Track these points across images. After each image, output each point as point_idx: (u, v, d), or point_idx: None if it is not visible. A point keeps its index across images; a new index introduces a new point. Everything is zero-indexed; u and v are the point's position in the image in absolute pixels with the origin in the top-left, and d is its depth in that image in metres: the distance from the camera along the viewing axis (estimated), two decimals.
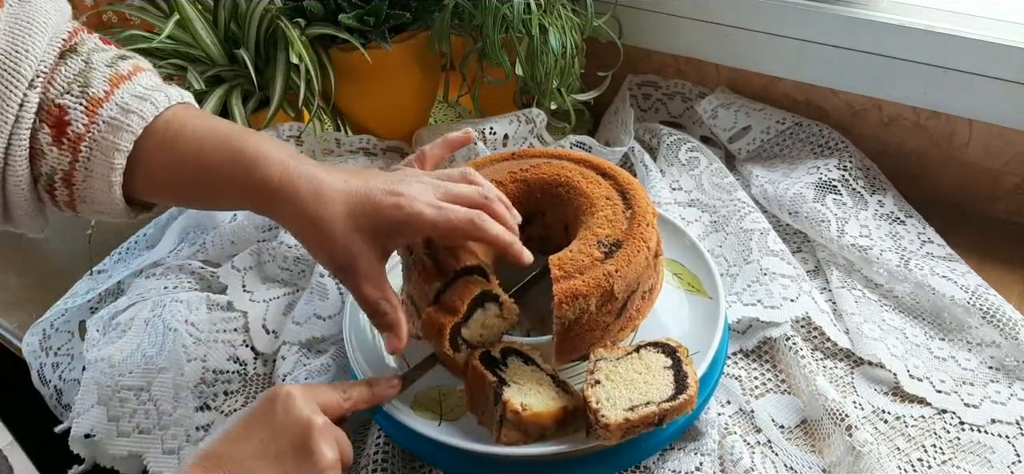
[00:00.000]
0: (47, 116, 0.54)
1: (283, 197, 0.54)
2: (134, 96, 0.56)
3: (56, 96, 0.54)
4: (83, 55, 0.56)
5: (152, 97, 0.56)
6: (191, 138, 0.56)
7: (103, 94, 0.55)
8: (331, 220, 0.54)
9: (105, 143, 0.55)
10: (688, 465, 0.61)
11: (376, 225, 0.55)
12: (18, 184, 0.55)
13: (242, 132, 0.57)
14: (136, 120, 0.55)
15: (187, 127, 0.56)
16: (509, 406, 0.54)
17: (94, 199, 0.57)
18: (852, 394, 0.67)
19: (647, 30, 0.98)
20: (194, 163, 0.56)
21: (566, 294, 0.57)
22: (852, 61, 0.85)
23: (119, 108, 0.55)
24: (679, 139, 0.93)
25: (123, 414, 0.68)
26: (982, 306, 0.70)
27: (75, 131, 0.54)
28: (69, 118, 0.54)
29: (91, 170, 0.55)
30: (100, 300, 0.81)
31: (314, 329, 0.73)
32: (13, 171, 0.54)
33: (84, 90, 0.55)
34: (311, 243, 0.56)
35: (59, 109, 0.54)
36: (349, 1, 0.87)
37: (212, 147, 0.56)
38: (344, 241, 0.54)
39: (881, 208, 0.83)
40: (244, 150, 0.55)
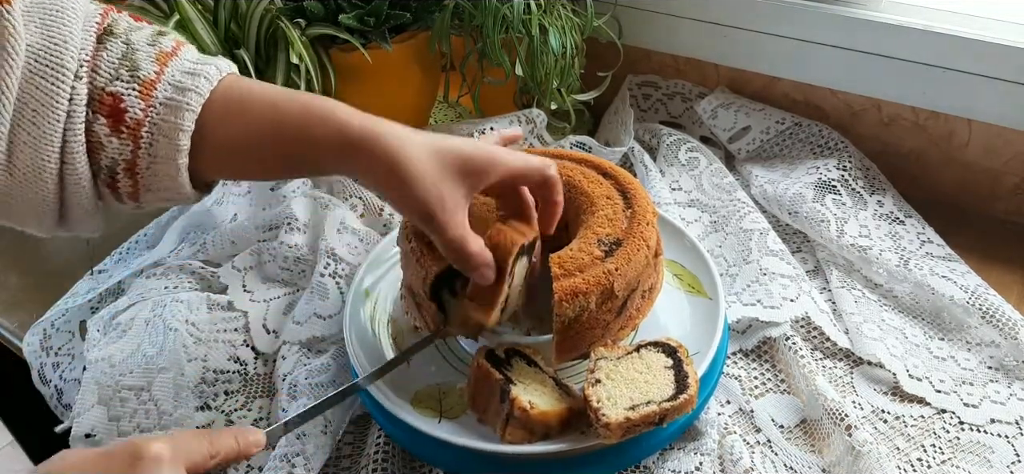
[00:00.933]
0: (100, 106, 0.51)
1: (367, 145, 0.52)
2: (185, 73, 0.53)
3: (105, 84, 0.51)
4: (121, 36, 0.53)
5: (203, 71, 0.54)
6: (260, 102, 0.54)
7: (154, 75, 0.52)
8: (417, 161, 0.52)
9: (166, 125, 0.52)
10: (688, 465, 0.61)
11: (463, 166, 0.53)
12: (79, 182, 0.52)
13: (307, 94, 0.55)
14: (194, 97, 0.52)
15: (253, 92, 0.54)
16: (517, 404, 0.54)
17: (160, 186, 0.54)
18: (852, 394, 0.67)
19: (647, 30, 0.98)
20: (270, 126, 0.53)
21: (566, 292, 0.57)
22: (852, 61, 0.85)
23: (173, 87, 0.52)
24: (679, 139, 0.93)
25: (123, 414, 0.68)
26: (981, 306, 0.70)
27: (133, 118, 0.51)
28: (124, 105, 0.51)
29: (155, 155, 0.52)
30: (101, 300, 0.81)
31: (314, 329, 0.73)
32: (73, 169, 0.51)
33: (134, 73, 0.52)
34: (396, 187, 0.53)
35: (112, 97, 0.51)
36: (349, 1, 0.87)
37: (286, 107, 0.54)
38: (432, 181, 0.52)
39: (880, 208, 0.83)
40: (317, 105, 0.53)
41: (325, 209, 0.83)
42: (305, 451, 0.62)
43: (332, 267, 0.77)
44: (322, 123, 0.53)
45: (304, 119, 0.53)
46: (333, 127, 0.52)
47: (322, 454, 0.63)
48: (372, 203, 0.86)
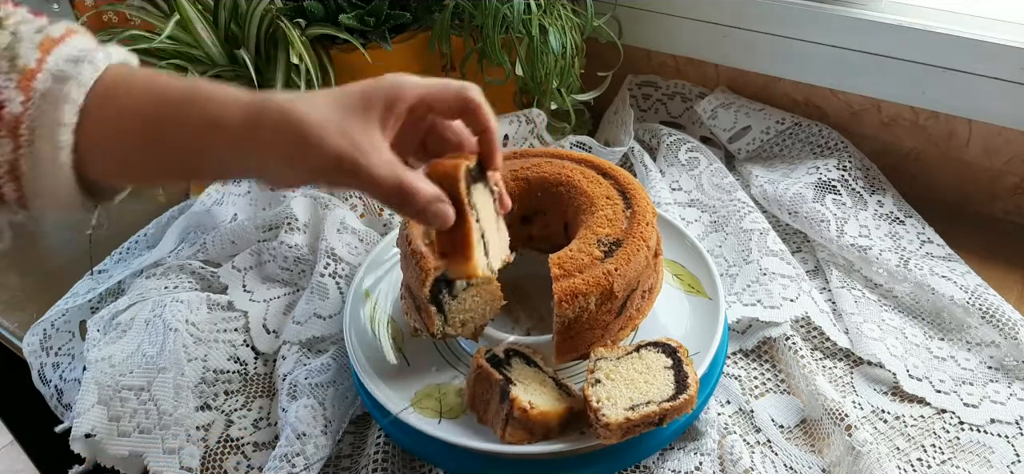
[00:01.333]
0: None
1: (260, 118, 0.47)
2: (68, 60, 0.47)
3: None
4: (9, 27, 0.47)
5: (89, 57, 0.47)
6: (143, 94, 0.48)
7: (35, 63, 0.46)
8: (316, 112, 0.47)
9: (46, 120, 0.46)
10: (688, 465, 0.61)
11: (366, 101, 0.49)
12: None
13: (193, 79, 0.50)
14: (74, 87, 0.46)
15: (136, 85, 0.48)
16: (517, 404, 0.54)
17: (45, 189, 0.47)
18: (851, 394, 0.67)
19: (647, 30, 0.98)
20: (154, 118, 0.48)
21: (566, 292, 0.57)
22: (852, 61, 0.85)
23: (53, 77, 0.46)
24: (679, 139, 0.93)
25: (124, 414, 0.68)
26: (981, 306, 0.70)
27: (12, 113, 0.45)
28: (3, 99, 0.45)
29: (37, 155, 0.46)
30: (101, 300, 0.82)
31: (314, 328, 0.73)
32: None
33: (13, 63, 0.46)
34: (301, 149, 0.47)
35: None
36: (349, 1, 0.87)
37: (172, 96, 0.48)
38: (337, 128, 0.47)
39: (880, 208, 0.83)
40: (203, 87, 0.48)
41: (325, 209, 0.83)
42: (305, 451, 0.62)
43: (332, 267, 0.77)
44: (205, 110, 0.47)
45: (189, 107, 0.48)
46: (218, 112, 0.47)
47: (322, 454, 0.63)
48: (372, 203, 0.86)
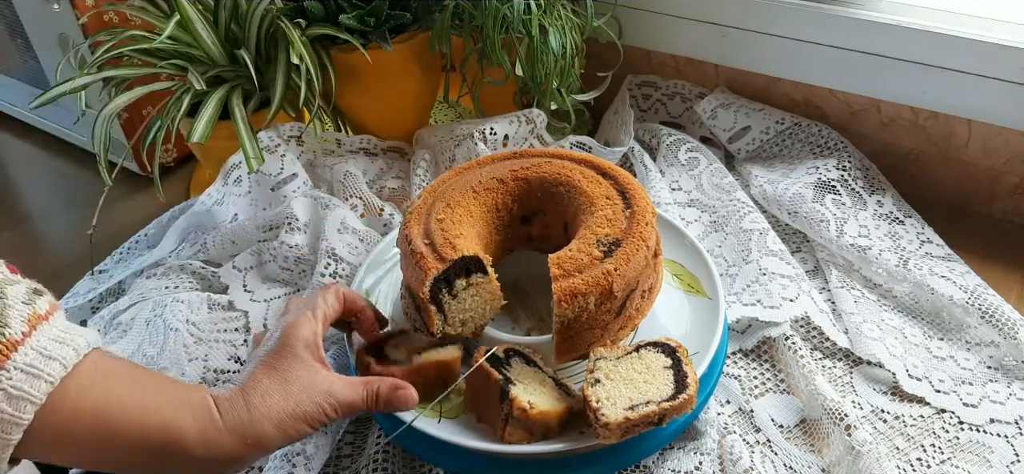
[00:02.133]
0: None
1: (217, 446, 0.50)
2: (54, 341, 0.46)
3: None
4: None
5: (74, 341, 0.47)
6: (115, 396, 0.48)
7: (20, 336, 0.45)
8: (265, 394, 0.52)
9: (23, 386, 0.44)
10: (687, 464, 0.61)
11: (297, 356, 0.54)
12: None
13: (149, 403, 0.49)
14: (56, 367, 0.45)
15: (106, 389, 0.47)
16: (516, 404, 0.54)
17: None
18: (851, 394, 0.67)
19: (647, 30, 0.98)
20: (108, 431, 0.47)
21: (565, 292, 0.57)
22: (851, 61, 0.85)
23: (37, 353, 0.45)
24: (679, 139, 0.93)
25: None
26: (981, 306, 0.70)
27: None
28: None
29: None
30: (101, 300, 0.82)
31: None
32: None
33: (2, 329, 0.44)
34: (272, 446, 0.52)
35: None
36: (349, 1, 0.87)
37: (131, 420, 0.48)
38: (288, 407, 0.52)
39: (880, 208, 0.83)
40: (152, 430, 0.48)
41: (325, 209, 0.83)
42: (305, 451, 0.62)
43: (332, 267, 0.77)
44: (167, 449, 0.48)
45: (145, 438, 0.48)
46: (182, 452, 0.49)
47: (322, 454, 0.63)
48: (372, 203, 0.86)
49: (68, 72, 0.88)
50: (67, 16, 0.94)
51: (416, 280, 0.60)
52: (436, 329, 0.60)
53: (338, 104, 0.95)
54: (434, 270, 0.58)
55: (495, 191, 0.68)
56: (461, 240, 0.62)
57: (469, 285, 0.60)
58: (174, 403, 0.50)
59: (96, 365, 0.48)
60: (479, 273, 0.60)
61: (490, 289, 0.61)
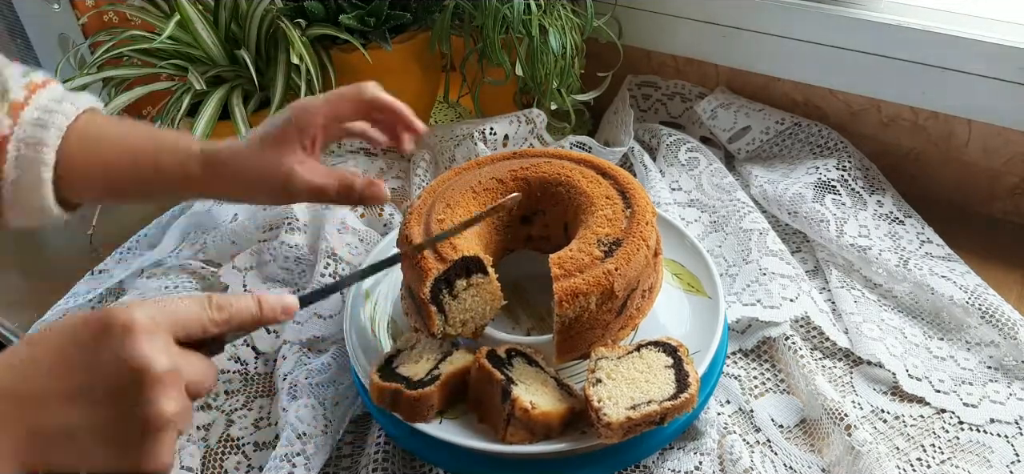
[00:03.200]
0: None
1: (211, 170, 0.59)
2: (52, 99, 0.58)
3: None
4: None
5: (69, 98, 0.59)
6: (115, 134, 0.60)
7: (23, 99, 0.57)
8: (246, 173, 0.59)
9: (32, 141, 0.56)
10: (688, 464, 0.61)
11: (278, 137, 0.59)
12: None
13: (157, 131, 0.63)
14: (60, 118, 0.57)
15: (109, 127, 0.60)
16: (518, 404, 0.54)
17: (24, 201, 0.58)
18: (851, 394, 0.67)
19: (647, 30, 0.98)
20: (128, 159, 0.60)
21: (566, 292, 0.57)
22: (851, 61, 0.85)
23: (40, 109, 0.57)
24: (679, 139, 0.93)
25: None
26: (981, 306, 0.70)
27: (0, 133, 0.56)
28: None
29: (21, 170, 0.56)
30: (101, 300, 0.82)
31: (314, 328, 0.73)
32: None
33: (3, 96, 0.57)
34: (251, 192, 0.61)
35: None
36: (350, 2, 0.87)
37: (134, 133, 0.61)
38: (268, 167, 0.59)
39: (880, 208, 0.83)
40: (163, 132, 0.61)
41: (325, 209, 0.83)
42: (305, 451, 0.62)
43: (332, 267, 0.77)
44: (171, 145, 0.60)
45: (151, 142, 0.60)
46: (181, 146, 0.60)
47: (322, 454, 0.63)
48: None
49: (68, 72, 0.88)
50: (67, 16, 0.94)
51: (416, 280, 0.60)
52: (436, 329, 0.60)
53: None
54: (434, 270, 0.58)
55: (495, 191, 0.68)
56: (461, 240, 0.62)
57: (469, 285, 0.60)
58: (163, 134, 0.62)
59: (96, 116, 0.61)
60: (479, 273, 0.60)
61: (490, 289, 0.61)
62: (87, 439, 0.38)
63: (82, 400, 0.38)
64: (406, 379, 0.58)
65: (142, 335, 0.39)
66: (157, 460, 0.39)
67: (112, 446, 0.38)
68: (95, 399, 0.38)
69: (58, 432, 0.38)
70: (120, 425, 0.38)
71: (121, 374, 0.38)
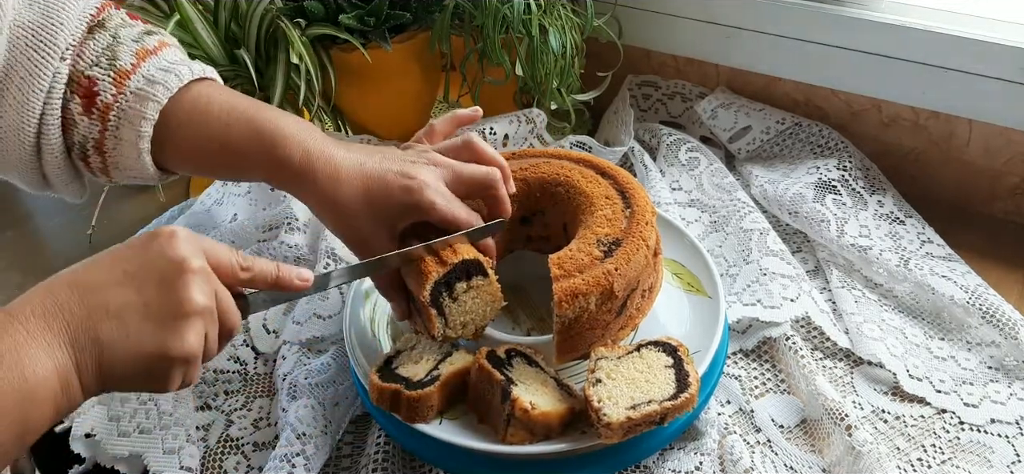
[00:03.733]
0: (77, 87, 0.57)
1: (303, 179, 0.58)
2: (160, 69, 0.59)
3: (85, 68, 0.58)
4: (111, 30, 0.60)
5: (176, 70, 0.59)
6: (217, 115, 0.59)
7: (130, 67, 0.58)
8: (346, 202, 0.58)
9: (132, 112, 0.58)
10: (688, 464, 0.61)
11: (388, 207, 0.58)
12: (52, 151, 0.58)
13: (263, 110, 0.60)
14: (161, 91, 0.58)
15: (214, 103, 0.59)
16: (518, 405, 0.54)
17: (125, 165, 0.60)
18: (852, 394, 0.67)
19: (647, 30, 0.98)
20: (219, 140, 0.59)
21: (566, 293, 0.57)
22: (852, 61, 0.85)
23: (145, 80, 0.58)
24: (679, 139, 0.93)
25: (123, 414, 0.68)
26: (982, 306, 0.70)
27: (104, 101, 0.57)
28: (98, 89, 0.57)
29: (120, 138, 0.58)
30: None
31: (314, 329, 0.73)
32: (47, 139, 0.58)
33: (112, 63, 0.58)
34: (328, 221, 0.60)
35: (89, 81, 0.57)
36: (349, 1, 0.87)
37: (237, 125, 0.59)
38: (357, 222, 0.58)
39: (881, 208, 0.83)
40: (266, 129, 0.58)
41: None
42: (305, 451, 0.62)
43: (332, 267, 0.77)
44: (267, 154, 0.58)
45: (251, 145, 0.59)
46: (277, 158, 0.58)
47: (322, 454, 0.63)
48: None
49: None
50: None
51: (416, 284, 0.60)
52: (437, 332, 0.59)
53: (338, 104, 0.95)
54: (434, 274, 0.58)
55: None
56: (461, 242, 0.61)
57: (470, 288, 0.59)
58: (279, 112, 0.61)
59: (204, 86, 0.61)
60: (479, 276, 0.60)
61: (490, 291, 0.60)
62: (133, 317, 0.46)
63: (131, 284, 0.46)
64: (406, 380, 0.58)
65: (183, 240, 0.48)
66: (184, 342, 0.47)
67: (151, 323, 0.46)
68: (141, 284, 0.46)
69: (110, 310, 0.46)
70: (160, 306, 0.46)
71: (164, 265, 0.47)
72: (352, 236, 0.60)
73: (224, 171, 0.64)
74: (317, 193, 0.58)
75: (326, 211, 0.59)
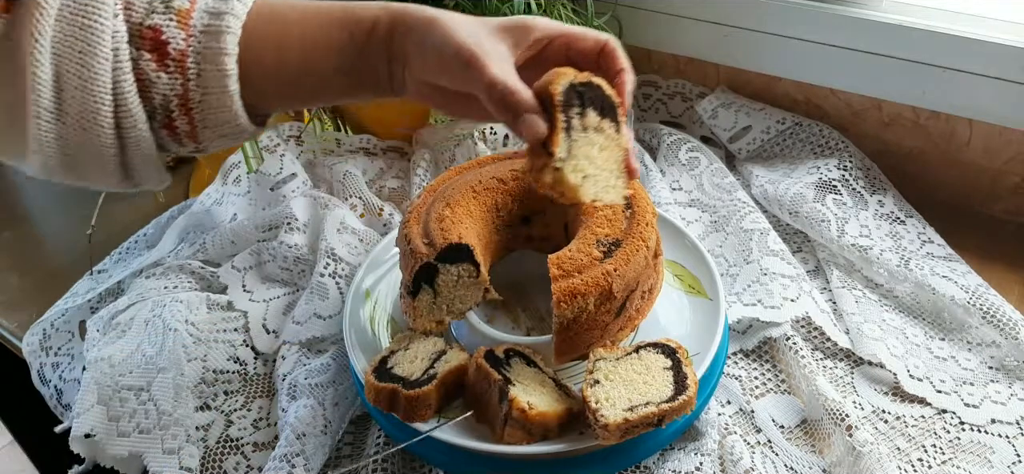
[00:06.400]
0: (142, 41, 0.49)
1: (402, 16, 0.52)
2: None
3: (142, 18, 0.49)
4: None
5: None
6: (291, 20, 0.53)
7: (188, 3, 0.50)
8: (455, 17, 0.52)
9: (210, 52, 0.50)
10: (688, 465, 0.61)
11: (502, 25, 0.53)
12: (135, 124, 0.50)
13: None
14: (231, 19, 0.50)
15: (278, 11, 0.53)
16: (516, 405, 0.54)
17: (215, 120, 0.52)
18: (852, 394, 0.67)
19: (647, 30, 0.98)
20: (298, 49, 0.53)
21: (564, 293, 0.57)
22: (852, 61, 0.85)
23: (209, 13, 0.50)
24: (679, 139, 0.93)
25: (123, 414, 0.68)
26: (982, 306, 0.70)
27: (177, 48, 0.50)
28: (165, 37, 0.49)
29: (205, 86, 0.51)
30: (100, 300, 0.81)
31: (314, 329, 0.73)
32: (127, 111, 0.49)
33: (168, 4, 0.50)
34: (436, 38, 0.52)
35: (152, 30, 0.49)
36: None
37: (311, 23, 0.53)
38: (469, 31, 0.51)
39: (881, 208, 0.83)
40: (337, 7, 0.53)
41: (325, 209, 0.83)
42: (305, 451, 0.62)
43: (332, 267, 0.77)
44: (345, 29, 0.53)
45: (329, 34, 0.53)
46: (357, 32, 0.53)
47: (322, 454, 0.63)
48: (372, 203, 0.86)
49: None
50: None
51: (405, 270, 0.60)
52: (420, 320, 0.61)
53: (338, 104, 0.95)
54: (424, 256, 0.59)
55: (495, 191, 0.68)
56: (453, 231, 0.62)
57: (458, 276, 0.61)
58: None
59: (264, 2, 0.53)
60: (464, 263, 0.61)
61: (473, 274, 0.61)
62: None
63: None
64: (403, 379, 0.58)
65: None
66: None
67: None
68: None
69: None
70: None
71: None
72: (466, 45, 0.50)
73: (313, 87, 0.55)
74: (424, 15, 0.52)
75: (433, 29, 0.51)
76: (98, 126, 0.49)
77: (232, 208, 0.88)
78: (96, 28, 0.47)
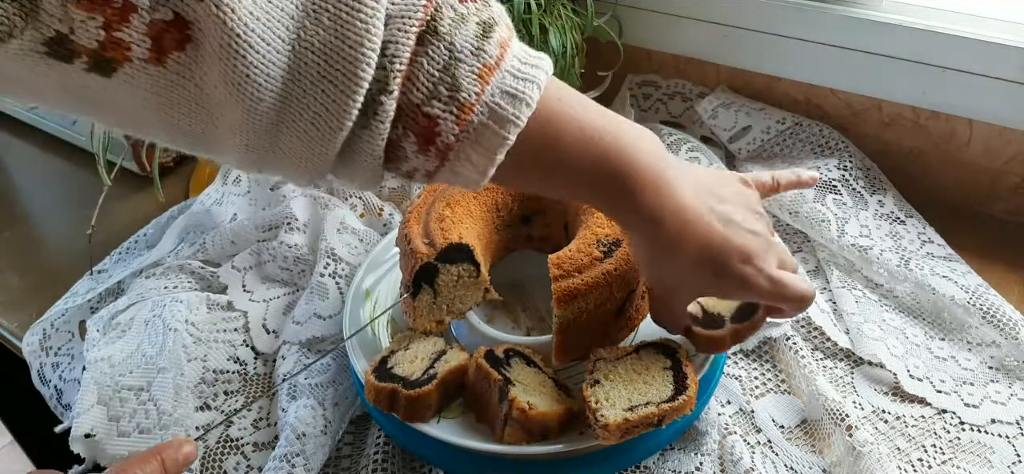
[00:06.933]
0: (413, 124, 0.44)
1: (645, 228, 0.51)
2: (505, 94, 0.45)
3: (421, 102, 0.43)
4: (445, 37, 0.43)
5: (525, 94, 0.46)
6: (569, 134, 0.48)
7: (474, 98, 0.44)
8: (683, 260, 0.51)
9: (477, 151, 0.45)
10: (688, 465, 0.61)
11: (718, 280, 0.53)
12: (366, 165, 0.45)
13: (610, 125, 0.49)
14: (511, 128, 0.45)
15: (560, 121, 0.48)
16: (516, 405, 0.54)
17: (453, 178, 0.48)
18: (852, 394, 0.67)
19: (647, 30, 0.98)
20: (560, 162, 0.48)
21: (564, 293, 0.57)
22: (852, 61, 0.85)
23: (491, 111, 0.44)
24: (679, 139, 0.93)
25: (123, 414, 0.68)
26: (982, 306, 0.70)
27: (445, 142, 0.44)
28: (439, 129, 0.44)
29: (457, 173, 0.46)
30: (100, 300, 0.81)
31: (314, 329, 0.73)
32: (362, 164, 0.45)
33: (453, 95, 0.43)
34: (651, 266, 0.54)
35: (428, 119, 0.43)
36: None
37: (582, 147, 0.48)
38: (684, 278, 0.54)
39: (881, 208, 0.83)
40: (612, 156, 0.49)
41: (325, 209, 0.83)
42: (305, 451, 0.62)
43: (332, 267, 0.77)
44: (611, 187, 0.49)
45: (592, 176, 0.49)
46: (622, 198, 0.50)
47: (322, 454, 0.63)
48: (372, 203, 0.86)
49: None
50: None
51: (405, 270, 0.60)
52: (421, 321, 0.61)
53: None
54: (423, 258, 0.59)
55: (495, 191, 0.68)
56: (454, 231, 0.62)
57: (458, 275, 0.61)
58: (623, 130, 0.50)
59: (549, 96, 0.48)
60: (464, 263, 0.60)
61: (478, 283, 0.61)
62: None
63: None
64: (403, 379, 0.58)
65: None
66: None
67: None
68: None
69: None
70: None
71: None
72: (669, 286, 0.55)
73: (554, 191, 0.55)
74: (657, 242, 0.51)
75: (657, 261, 0.53)
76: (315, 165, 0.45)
77: (232, 208, 0.88)
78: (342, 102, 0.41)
